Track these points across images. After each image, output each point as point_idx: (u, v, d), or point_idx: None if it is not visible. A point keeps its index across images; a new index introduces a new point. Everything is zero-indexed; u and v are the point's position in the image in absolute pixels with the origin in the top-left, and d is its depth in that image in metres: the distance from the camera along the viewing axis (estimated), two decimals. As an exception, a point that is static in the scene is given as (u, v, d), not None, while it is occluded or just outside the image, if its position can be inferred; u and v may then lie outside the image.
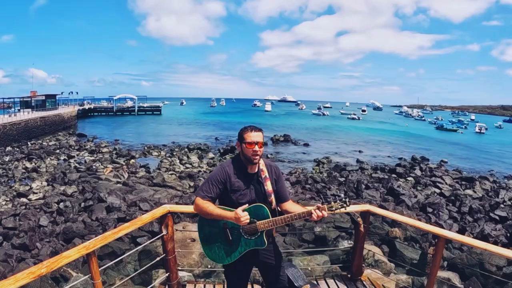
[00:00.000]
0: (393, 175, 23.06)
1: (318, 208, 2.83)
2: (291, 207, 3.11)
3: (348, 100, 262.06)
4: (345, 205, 2.84)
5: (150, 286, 4.61)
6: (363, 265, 4.92)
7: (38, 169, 23.66)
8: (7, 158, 27.29)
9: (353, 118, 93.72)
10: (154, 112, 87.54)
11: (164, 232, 4.21)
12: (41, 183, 20.10)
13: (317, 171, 25.78)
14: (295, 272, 3.61)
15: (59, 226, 12.96)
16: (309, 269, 6.96)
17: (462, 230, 13.11)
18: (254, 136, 2.98)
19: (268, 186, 3.07)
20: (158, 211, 4.14)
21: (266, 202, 3.04)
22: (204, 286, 4.57)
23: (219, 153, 32.63)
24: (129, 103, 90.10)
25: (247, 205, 2.91)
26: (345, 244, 9.36)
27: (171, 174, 23.03)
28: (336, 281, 4.74)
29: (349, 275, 4.87)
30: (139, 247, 5.02)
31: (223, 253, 3.09)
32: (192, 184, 19.73)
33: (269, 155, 32.38)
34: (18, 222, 13.18)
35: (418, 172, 24.29)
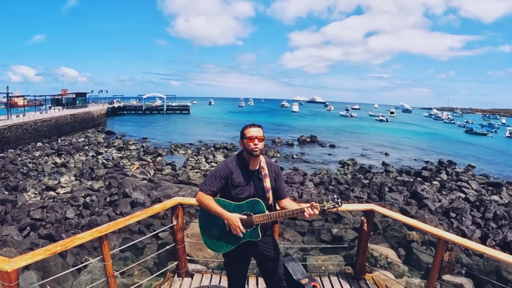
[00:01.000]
0: (418, 179, 22.79)
1: (311, 206, 2.99)
2: (288, 204, 3.28)
3: (377, 102, 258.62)
4: (337, 205, 3.01)
5: (160, 271, 4.78)
6: (367, 264, 4.93)
7: (67, 164, 24.32)
8: (37, 154, 28.18)
9: (381, 120, 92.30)
10: (183, 111, 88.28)
11: (175, 222, 4.40)
12: (69, 178, 20.64)
13: (342, 172, 25.64)
14: (295, 266, 3.69)
15: (85, 219, 13.37)
16: (316, 266, 7.03)
17: (484, 236, 12.89)
18: (253, 131, 3.18)
19: (267, 183, 3.23)
20: (169, 203, 4.35)
21: (264, 198, 3.20)
22: (211, 276, 4.71)
23: (244, 153, 32.59)
24: (158, 102, 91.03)
25: (245, 216, 3.11)
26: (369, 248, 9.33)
27: (196, 172, 23.30)
28: (340, 278, 4.80)
29: (353, 274, 4.91)
30: (149, 234, 5.17)
31: (220, 242, 3.27)
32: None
33: (294, 156, 32.39)
34: (46, 214, 13.65)
35: (444, 176, 23.89)
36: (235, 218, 3.05)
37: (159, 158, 28.25)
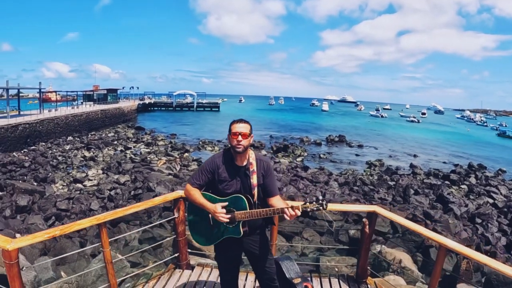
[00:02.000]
0: (446, 182, 22.27)
1: (292, 207, 2.92)
2: (276, 202, 3.20)
3: (409, 102, 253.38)
4: (321, 207, 2.90)
5: (161, 261, 4.86)
6: (369, 267, 4.85)
7: (95, 158, 24.91)
8: (67, 147, 28.99)
9: (412, 121, 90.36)
10: (213, 109, 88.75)
11: (176, 215, 4.48)
12: (97, 171, 21.12)
13: (368, 173, 25.35)
14: (290, 265, 3.68)
15: (108, 211, 13.62)
16: (329, 266, 6.99)
17: (510, 244, 12.50)
18: (238, 127, 3.14)
19: (254, 180, 3.20)
20: (171, 195, 4.43)
21: (250, 194, 3.18)
22: (211, 269, 4.76)
23: (272, 151, 32.68)
24: (189, 99, 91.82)
25: (226, 203, 3.12)
26: (378, 248, 9.20)
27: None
28: (340, 280, 4.73)
29: (354, 277, 4.85)
30: (150, 225, 5.26)
31: (205, 236, 3.33)
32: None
33: (321, 155, 32.26)
34: (71, 205, 14.05)
35: (473, 180, 23.23)
36: (216, 207, 3.07)
37: (186, 154, 28.57)
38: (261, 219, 3.24)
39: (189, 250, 4.90)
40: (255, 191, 3.19)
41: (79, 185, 18.29)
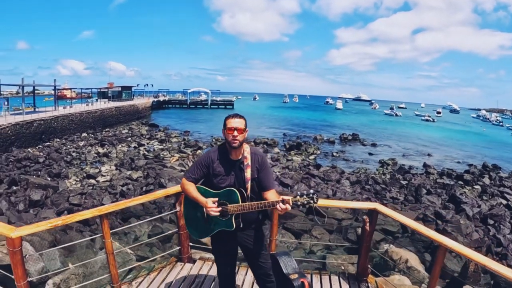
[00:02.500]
0: (460, 182, 22.05)
1: (283, 201, 2.95)
2: (270, 196, 3.22)
3: (424, 101, 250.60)
4: (312, 201, 2.92)
5: (162, 254, 4.93)
6: (369, 265, 4.83)
7: (109, 154, 25.21)
8: (81, 143, 29.39)
9: (427, 120, 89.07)
10: (227, 106, 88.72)
11: (178, 208, 4.56)
12: (110, 167, 21.38)
13: (380, 172, 25.22)
14: (288, 261, 3.70)
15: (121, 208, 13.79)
16: (335, 264, 7.00)
17: (522, 246, 12.33)
18: (233, 122, 3.18)
19: (248, 173, 3.23)
20: (172, 189, 4.52)
21: (244, 188, 3.21)
22: (212, 263, 4.81)
23: (285, 149, 32.71)
24: (203, 97, 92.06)
25: (217, 198, 3.17)
26: (385, 247, 9.17)
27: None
28: (341, 278, 4.74)
29: (355, 275, 4.84)
30: (154, 217, 5.35)
31: (199, 229, 3.41)
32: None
33: (334, 153, 32.16)
34: (84, 200, 14.27)
35: (486, 180, 22.92)
36: (207, 202, 3.12)
37: (199, 151, 28.70)
38: (255, 213, 3.29)
39: (192, 244, 4.97)
40: (249, 185, 3.22)
41: (92, 181, 18.52)
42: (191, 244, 4.95)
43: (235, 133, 3.13)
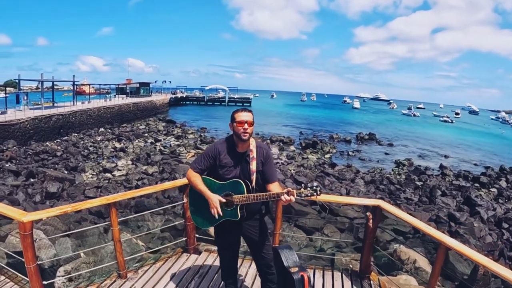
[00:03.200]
0: (476, 184, 21.83)
1: (288, 192, 3.03)
2: (275, 188, 3.31)
3: (444, 102, 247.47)
4: (315, 193, 3.02)
5: (168, 244, 5.04)
6: (372, 262, 4.84)
7: (126, 149, 25.52)
8: (99, 138, 29.81)
9: (445, 121, 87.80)
10: (244, 104, 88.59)
11: (185, 200, 4.67)
12: (126, 162, 21.63)
13: (396, 172, 25.06)
14: (289, 254, 3.75)
15: (135, 200, 14.00)
16: (344, 263, 7.02)
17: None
18: (243, 116, 3.25)
19: (253, 166, 3.32)
20: (180, 181, 4.66)
21: (249, 179, 3.30)
22: (218, 255, 4.88)
23: (300, 147, 32.79)
24: (220, 94, 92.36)
25: (224, 199, 3.26)
26: (395, 247, 9.13)
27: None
28: (344, 274, 4.76)
29: (358, 272, 4.86)
30: (159, 208, 5.48)
31: (204, 219, 3.48)
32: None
33: (350, 152, 32.02)
34: (99, 193, 14.49)
35: (503, 183, 22.56)
36: (215, 199, 3.21)
37: (215, 147, 28.80)
38: (258, 204, 3.38)
39: (198, 236, 5.09)
40: (254, 177, 3.30)
41: (108, 175, 18.78)
42: (197, 235, 5.05)
43: (246, 126, 3.20)
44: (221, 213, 3.21)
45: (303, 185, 3.05)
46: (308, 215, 12.27)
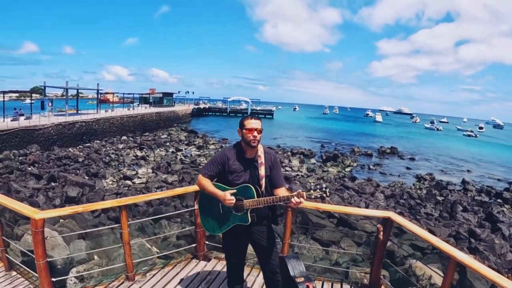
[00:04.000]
0: (498, 200, 21.36)
1: (297, 194, 3.05)
2: (281, 193, 3.35)
3: (468, 116, 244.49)
4: (324, 194, 3.03)
5: (178, 250, 5.08)
6: (382, 276, 4.76)
7: (147, 158, 25.87)
8: (121, 146, 30.33)
9: (469, 135, 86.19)
10: (266, 116, 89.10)
11: (196, 206, 4.71)
12: (147, 170, 21.88)
13: (417, 187, 24.71)
14: (296, 264, 3.73)
15: (153, 207, 14.15)
16: (358, 277, 6.91)
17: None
18: (253, 123, 3.33)
19: (262, 171, 3.37)
20: (191, 188, 4.74)
21: (258, 184, 3.34)
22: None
23: (321, 160, 32.70)
24: (243, 105, 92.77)
25: (235, 190, 3.30)
26: (411, 262, 8.95)
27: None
28: (352, 287, 4.75)
29: (368, 285, 4.76)
30: (168, 213, 5.53)
31: (214, 224, 3.52)
32: (286, 186, 20.07)
33: (371, 166, 31.74)
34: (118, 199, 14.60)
35: (527, 199, 22.12)
36: (226, 194, 3.23)
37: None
38: (267, 210, 3.43)
39: (208, 243, 5.11)
40: (263, 182, 3.35)
41: (128, 182, 19.04)
42: (207, 242, 5.08)
43: (255, 133, 3.29)
44: (233, 203, 3.24)
45: (312, 186, 3.06)
46: (326, 227, 12.16)
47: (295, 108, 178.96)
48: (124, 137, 35.79)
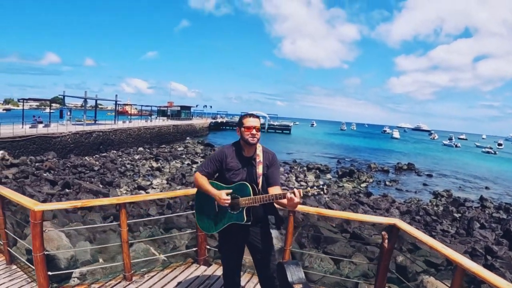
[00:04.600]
0: (517, 217, 20.93)
1: (293, 192, 3.01)
2: (275, 191, 3.30)
3: (486, 132, 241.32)
4: (322, 192, 2.98)
5: (176, 252, 5.03)
6: (387, 287, 4.58)
7: (162, 169, 26.06)
8: (137, 157, 30.63)
9: (488, 152, 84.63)
10: (284, 131, 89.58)
11: (196, 209, 4.62)
12: (161, 181, 22.02)
13: (434, 203, 24.32)
14: (295, 270, 3.61)
15: (164, 216, 14.13)
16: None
17: None
18: (251, 121, 3.32)
19: (259, 169, 3.34)
20: (193, 190, 4.61)
21: (255, 183, 3.31)
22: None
23: (337, 175, 32.52)
24: (261, 120, 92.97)
25: (230, 190, 3.27)
26: (423, 277, 8.76)
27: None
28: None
29: None
30: (171, 214, 5.49)
31: (210, 223, 3.47)
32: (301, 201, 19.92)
33: (387, 182, 31.42)
34: (131, 208, 14.68)
35: (548, 217, 21.60)
36: (219, 192, 3.22)
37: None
38: (262, 210, 3.38)
39: (209, 247, 5.06)
40: (260, 180, 3.31)
41: (142, 192, 19.13)
42: (208, 247, 5.03)
43: (254, 131, 3.27)
44: (228, 203, 3.20)
45: (310, 184, 3.00)
46: (338, 242, 12.01)
47: (313, 124, 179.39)
48: (140, 148, 36.17)
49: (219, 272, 4.79)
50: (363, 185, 29.28)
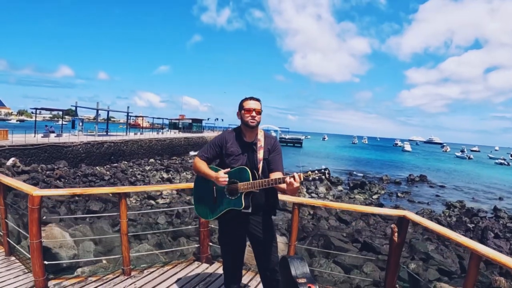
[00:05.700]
0: (532, 227, 20.54)
1: (293, 176, 2.90)
2: (277, 177, 3.17)
3: (499, 144, 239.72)
4: (323, 176, 2.87)
5: (177, 248, 4.94)
6: (397, 286, 4.42)
7: (172, 180, 26.00)
8: (148, 168, 30.73)
9: (501, 163, 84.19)
10: (295, 144, 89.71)
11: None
12: (171, 191, 21.90)
13: (446, 214, 23.97)
14: (300, 265, 3.49)
15: (174, 226, 14.10)
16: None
17: None
18: (251, 104, 3.25)
19: (260, 155, 3.27)
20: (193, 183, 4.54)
21: (255, 168, 3.23)
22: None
23: (348, 187, 32.30)
24: (272, 134, 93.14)
25: (229, 169, 3.19)
26: (435, 284, 8.59)
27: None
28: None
29: None
30: (170, 208, 5.43)
31: (208, 209, 3.38)
32: (311, 212, 19.74)
33: (399, 194, 31.14)
34: (140, 216, 14.65)
35: None
36: (218, 173, 3.14)
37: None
38: (263, 198, 3.28)
39: (211, 244, 4.96)
40: (260, 165, 3.24)
41: (152, 201, 19.15)
42: (211, 244, 4.93)
43: (253, 113, 3.22)
44: (227, 179, 3.12)
45: (311, 168, 2.93)
46: (349, 251, 11.85)
47: (324, 138, 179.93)
48: (151, 160, 36.34)
49: (220, 271, 4.66)
50: (375, 196, 29.01)
